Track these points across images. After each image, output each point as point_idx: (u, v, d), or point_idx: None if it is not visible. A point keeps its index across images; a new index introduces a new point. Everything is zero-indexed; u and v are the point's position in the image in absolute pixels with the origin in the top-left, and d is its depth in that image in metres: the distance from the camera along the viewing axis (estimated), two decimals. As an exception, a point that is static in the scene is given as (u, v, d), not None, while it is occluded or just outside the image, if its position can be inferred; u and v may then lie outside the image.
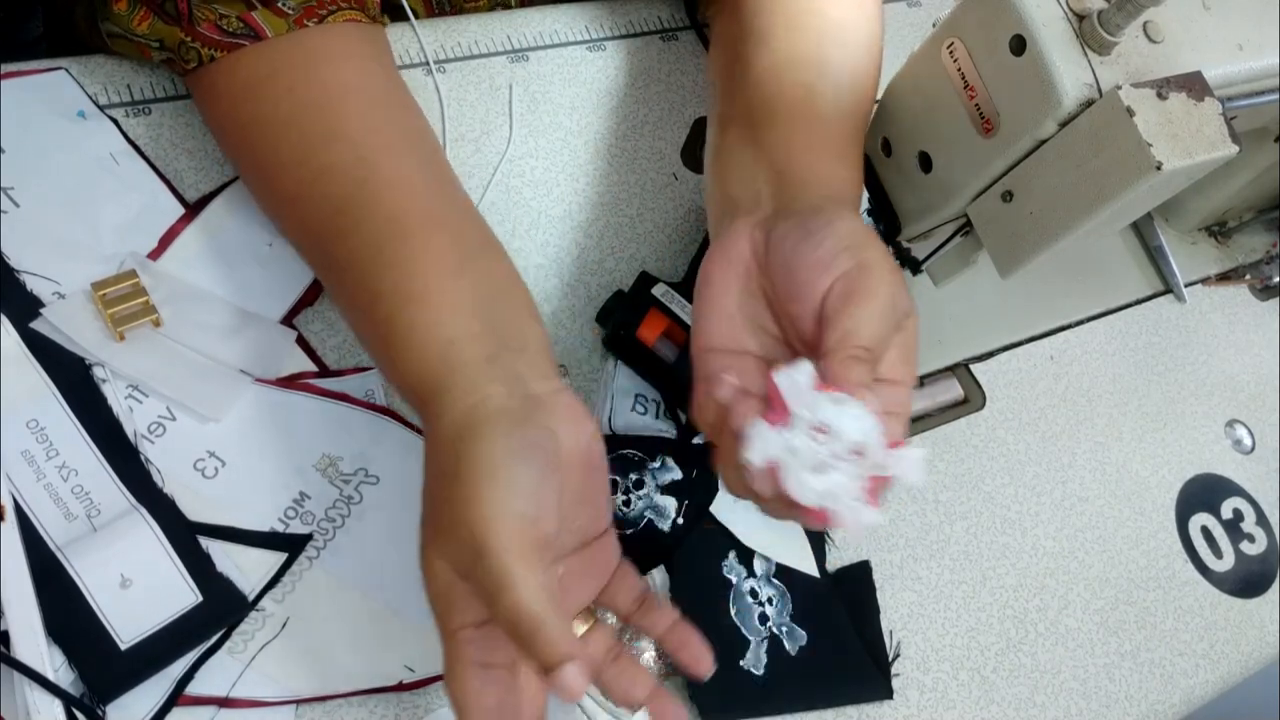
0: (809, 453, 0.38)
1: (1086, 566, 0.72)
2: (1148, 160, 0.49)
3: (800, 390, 0.38)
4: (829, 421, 0.38)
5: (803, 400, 0.38)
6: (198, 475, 0.54)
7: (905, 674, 0.63)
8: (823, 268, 0.44)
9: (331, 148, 0.53)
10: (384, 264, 0.50)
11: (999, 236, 0.58)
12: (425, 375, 0.47)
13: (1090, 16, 0.51)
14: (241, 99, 0.55)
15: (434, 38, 0.71)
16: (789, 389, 0.39)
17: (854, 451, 0.38)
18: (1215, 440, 0.81)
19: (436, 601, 0.43)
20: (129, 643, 0.48)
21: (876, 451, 0.39)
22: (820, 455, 0.38)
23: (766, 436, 0.38)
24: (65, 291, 0.55)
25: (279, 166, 0.54)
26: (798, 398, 0.39)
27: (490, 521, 0.41)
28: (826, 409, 0.38)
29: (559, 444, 0.44)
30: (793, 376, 0.39)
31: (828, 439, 0.38)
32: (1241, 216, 0.90)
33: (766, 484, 0.40)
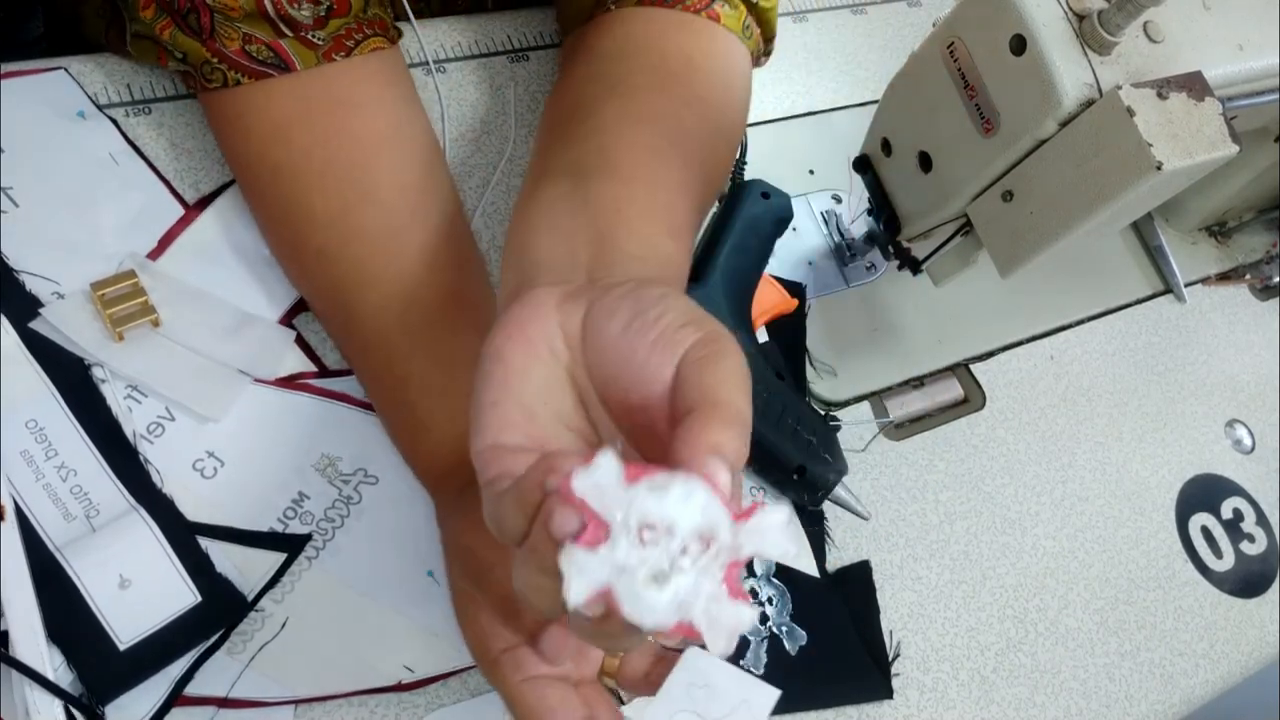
0: (641, 562, 0.29)
1: (1086, 566, 0.72)
2: (1148, 160, 0.49)
3: (608, 491, 0.30)
4: (654, 517, 0.30)
5: (614, 501, 0.30)
6: (197, 475, 0.54)
7: (905, 674, 0.63)
8: (666, 345, 0.35)
9: (365, 210, 0.53)
10: (411, 347, 0.52)
11: (999, 236, 0.58)
12: (442, 463, 0.51)
13: (1090, 16, 0.51)
14: (271, 141, 0.55)
15: (434, 38, 0.71)
16: (593, 493, 0.30)
17: (698, 541, 0.30)
18: (1215, 440, 0.81)
19: (473, 636, 0.46)
20: (128, 643, 0.48)
21: (724, 533, 0.30)
22: (656, 561, 0.30)
23: (584, 563, 0.30)
24: (64, 291, 0.55)
25: (309, 222, 0.54)
26: (607, 500, 0.30)
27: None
28: (647, 503, 0.30)
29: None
30: (593, 477, 0.30)
31: (660, 537, 0.30)
32: (1241, 216, 0.91)
33: (598, 610, 0.30)
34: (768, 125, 0.78)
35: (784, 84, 0.81)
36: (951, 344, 0.76)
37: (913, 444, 0.71)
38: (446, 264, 0.54)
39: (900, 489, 0.69)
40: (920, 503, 0.69)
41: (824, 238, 0.76)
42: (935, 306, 0.76)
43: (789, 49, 0.82)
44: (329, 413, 0.57)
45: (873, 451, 0.70)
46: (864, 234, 0.73)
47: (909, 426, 0.72)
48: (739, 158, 0.73)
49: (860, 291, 0.75)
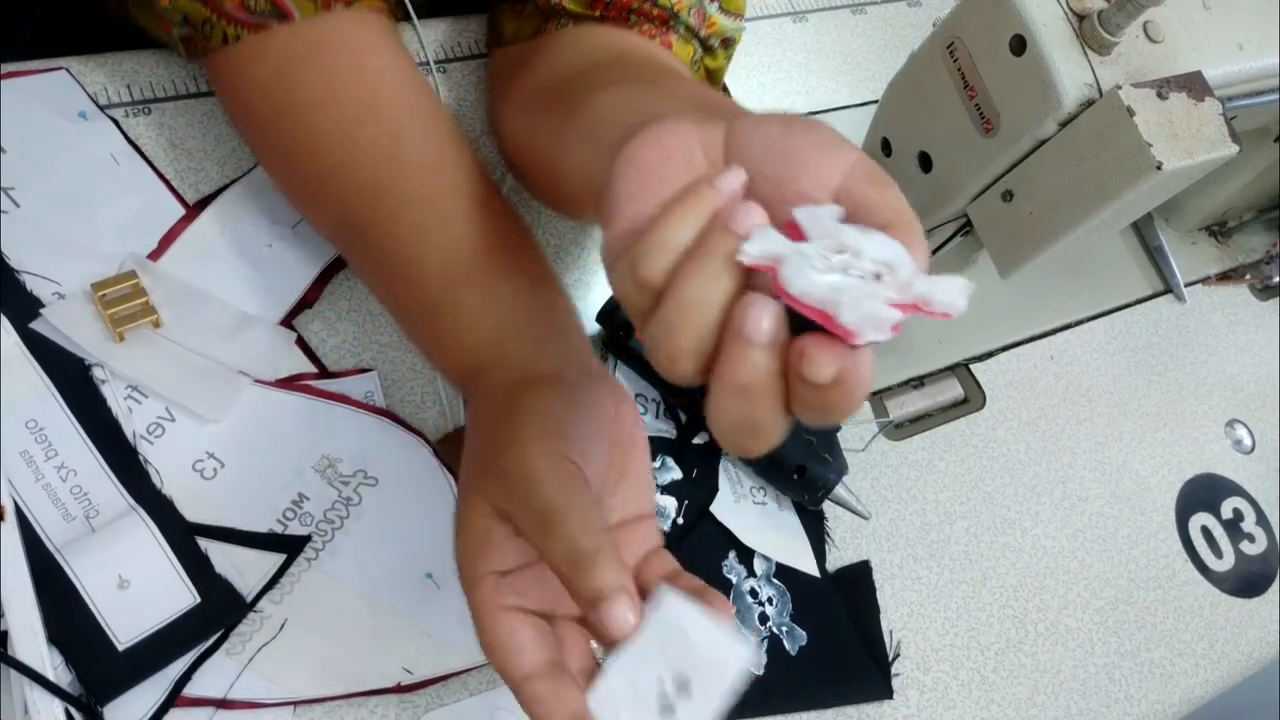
0: (820, 258, 0.30)
1: (1086, 566, 0.72)
2: (1148, 160, 0.49)
3: (818, 217, 0.31)
4: (850, 243, 0.30)
5: (824, 229, 0.31)
6: (196, 476, 0.54)
7: (905, 674, 0.63)
8: (834, 148, 0.33)
9: (368, 127, 0.53)
10: (432, 248, 0.51)
11: (999, 236, 0.58)
12: (474, 358, 0.49)
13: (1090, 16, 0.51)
14: (275, 83, 0.54)
15: (434, 38, 0.71)
16: (809, 220, 0.31)
17: (878, 271, 0.30)
18: (1215, 440, 0.81)
19: (467, 546, 0.43)
20: (127, 643, 0.48)
21: (906, 275, 0.30)
22: (835, 263, 0.30)
23: (769, 236, 0.31)
24: (65, 292, 0.55)
25: (313, 150, 0.54)
26: (818, 226, 0.31)
27: (543, 454, 0.41)
28: (849, 233, 0.30)
29: (607, 413, 0.45)
30: (815, 211, 0.31)
31: (849, 258, 0.30)
32: (1241, 216, 0.91)
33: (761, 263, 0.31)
34: (768, 125, 0.78)
35: (784, 84, 0.81)
36: (951, 344, 0.76)
37: (913, 444, 0.71)
38: (456, 171, 0.54)
39: (900, 489, 0.69)
40: (920, 503, 0.69)
41: (824, 238, 0.76)
42: (935, 306, 0.76)
43: (789, 49, 0.82)
44: (329, 414, 0.57)
45: (873, 451, 0.70)
46: (864, 234, 0.73)
47: (909, 426, 0.72)
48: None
49: (860, 291, 0.75)
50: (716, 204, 0.32)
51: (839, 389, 0.30)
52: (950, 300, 0.30)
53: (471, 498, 0.43)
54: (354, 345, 0.60)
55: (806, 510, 0.65)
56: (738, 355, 0.31)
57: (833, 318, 0.29)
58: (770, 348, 0.30)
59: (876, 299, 0.29)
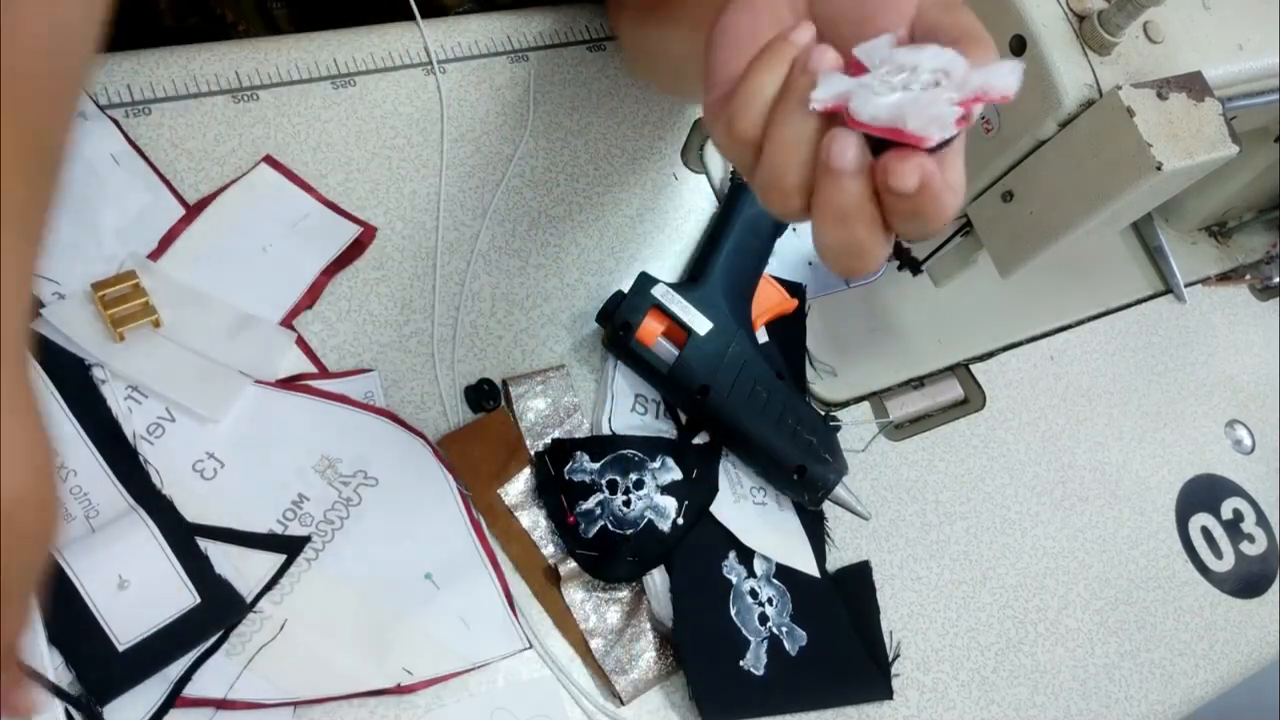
0: (883, 83, 0.33)
1: (1086, 566, 0.72)
2: (1148, 160, 0.49)
3: (877, 49, 0.35)
4: (905, 62, 0.34)
5: (880, 56, 0.34)
6: (196, 476, 0.54)
7: (905, 674, 0.63)
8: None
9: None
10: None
11: (999, 236, 0.58)
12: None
13: (1090, 16, 0.51)
14: None
15: (434, 38, 0.71)
16: (867, 54, 0.35)
17: (935, 79, 0.34)
18: (1215, 440, 0.81)
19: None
20: (127, 644, 0.48)
21: (961, 74, 0.34)
22: (896, 83, 0.34)
23: (835, 79, 0.34)
24: (65, 292, 0.55)
25: None
26: (875, 55, 0.34)
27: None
28: (902, 54, 0.34)
29: None
30: (872, 44, 0.35)
31: (908, 75, 0.34)
32: (1241, 216, 0.91)
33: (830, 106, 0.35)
34: (768, 125, 0.78)
35: (784, 84, 0.81)
36: (951, 344, 0.76)
37: (913, 444, 0.71)
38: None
39: (900, 489, 0.69)
40: (920, 503, 0.69)
41: (824, 238, 0.76)
42: (935, 306, 0.76)
43: (789, 49, 0.82)
44: (329, 414, 0.57)
45: (873, 451, 0.70)
46: (864, 234, 0.73)
47: (909, 427, 0.72)
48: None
49: (860, 292, 0.75)
50: (793, 54, 0.35)
51: (926, 195, 0.33)
52: (1005, 83, 0.33)
53: None
54: (354, 345, 0.60)
55: (806, 510, 0.65)
56: (831, 185, 0.34)
57: (901, 130, 0.33)
58: (858, 174, 0.33)
59: (937, 103, 0.33)
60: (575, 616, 0.57)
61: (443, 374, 0.62)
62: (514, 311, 0.65)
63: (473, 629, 0.55)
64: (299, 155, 0.64)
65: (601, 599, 0.58)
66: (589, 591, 0.58)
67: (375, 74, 0.68)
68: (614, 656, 0.57)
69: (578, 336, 0.66)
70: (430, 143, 0.68)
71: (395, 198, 0.65)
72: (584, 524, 0.58)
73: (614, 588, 0.59)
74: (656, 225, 0.71)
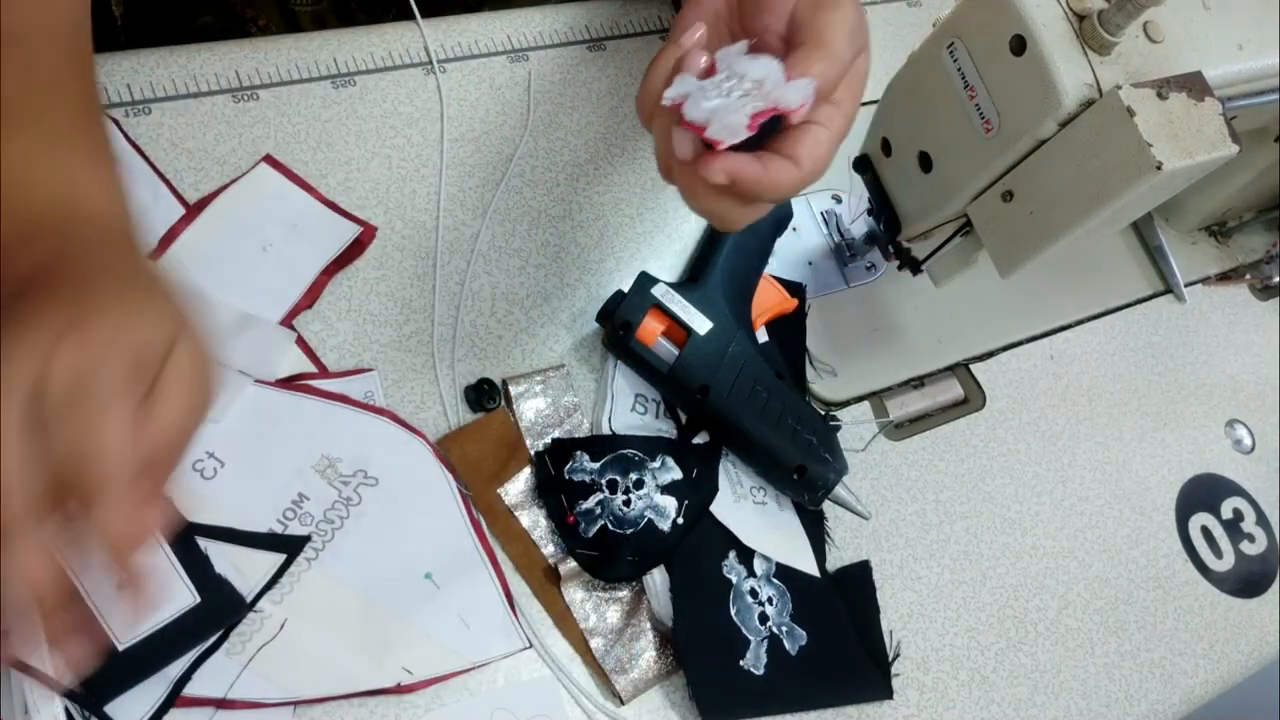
0: (714, 88, 0.41)
1: (1086, 566, 0.72)
2: (1148, 160, 0.49)
3: (730, 55, 0.42)
4: (739, 69, 0.42)
5: (728, 61, 0.42)
6: (196, 476, 0.54)
7: (905, 674, 0.63)
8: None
9: None
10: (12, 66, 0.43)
11: (999, 236, 0.58)
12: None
13: (1090, 16, 0.51)
14: None
15: (435, 37, 0.71)
16: (722, 56, 0.42)
17: (753, 86, 0.42)
18: (1215, 440, 0.81)
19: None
20: (127, 643, 0.48)
21: (769, 84, 0.41)
22: (723, 89, 0.41)
23: (685, 80, 0.42)
24: (64, 292, 0.55)
25: None
26: (725, 60, 0.42)
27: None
28: (740, 62, 0.42)
29: None
30: (728, 50, 0.42)
31: (735, 82, 0.42)
32: (1241, 216, 0.91)
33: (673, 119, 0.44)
34: (768, 125, 0.78)
35: (784, 84, 0.81)
36: (951, 344, 0.76)
37: (913, 444, 0.71)
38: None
39: (900, 489, 0.69)
40: (920, 503, 0.69)
41: (824, 238, 0.76)
42: (935, 306, 0.76)
43: (789, 49, 0.82)
44: (329, 413, 0.57)
45: (873, 451, 0.70)
46: (864, 234, 0.73)
47: (909, 426, 0.72)
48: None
49: (860, 291, 0.75)
50: (678, 55, 0.43)
51: (742, 186, 0.42)
52: (790, 99, 0.41)
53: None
54: (354, 345, 0.60)
55: (806, 510, 0.65)
56: (678, 169, 0.44)
57: (704, 133, 0.41)
58: (693, 162, 0.43)
59: (737, 112, 0.41)
60: (575, 616, 0.57)
61: (443, 374, 0.62)
62: (514, 311, 0.65)
63: (473, 629, 0.55)
64: (299, 155, 0.64)
65: (601, 599, 0.58)
66: (589, 591, 0.58)
67: (375, 74, 0.68)
68: (614, 656, 0.57)
69: (578, 336, 0.66)
70: (430, 142, 0.68)
71: (395, 197, 0.65)
72: (584, 524, 0.58)
73: (614, 587, 0.59)
74: (656, 225, 0.71)
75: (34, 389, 0.35)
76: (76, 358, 0.36)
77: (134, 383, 0.37)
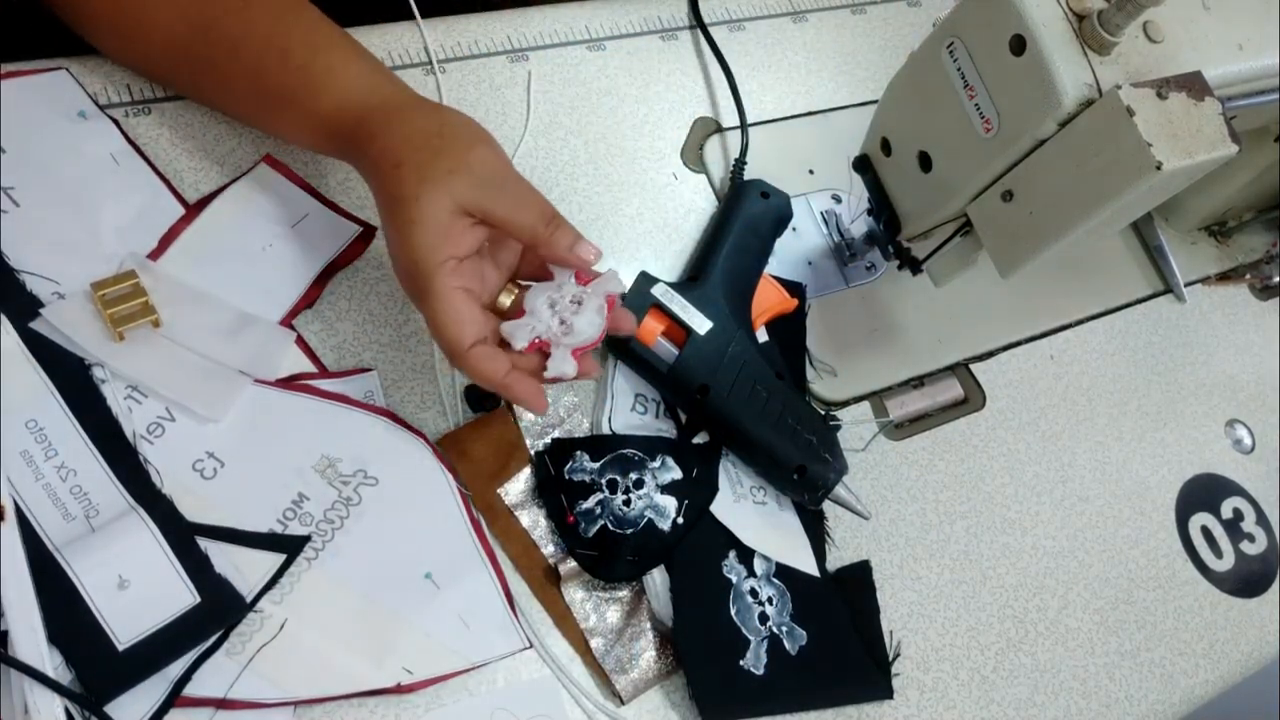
0: (534, 316, 0.52)
1: (1086, 566, 0.72)
2: (1148, 160, 0.49)
3: (544, 290, 0.53)
4: (554, 296, 0.53)
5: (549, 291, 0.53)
6: (196, 476, 0.54)
7: (905, 674, 0.63)
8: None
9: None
10: (290, 24, 0.57)
11: (999, 236, 0.58)
12: (359, 104, 0.55)
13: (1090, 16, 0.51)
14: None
15: (434, 37, 0.71)
16: (536, 292, 0.53)
17: (568, 304, 0.53)
18: (1215, 440, 0.81)
19: (430, 237, 0.50)
20: (127, 643, 0.48)
21: (566, 307, 0.53)
22: (537, 317, 0.52)
23: (511, 328, 0.52)
24: (65, 291, 0.55)
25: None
26: (547, 291, 0.53)
27: (497, 156, 0.53)
28: (555, 292, 0.53)
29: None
30: (540, 289, 0.53)
31: (557, 305, 0.53)
32: (1241, 216, 0.91)
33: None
34: (767, 125, 0.78)
35: (784, 84, 0.81)
36: (951, 344, 0.76)
37: (913, 444, 0.71)
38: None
39: (900, 489, 0.69)
40: (920, 503, 0.69)
41: (824, 238, 0.76)
42: (935, 306, 0.76)
43: (789, 49, 0.82)
44: (329, 413, 0.57)
45: (873, 451, 0.70)
46: (864, 234, 0.73)
47: (909, 426, 0.72)
48: (739, 157, 0.73)
49: (860, 291, 0.75)
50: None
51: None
52: (591, 334, 0.53)
53: (435, 198, 0.50)
54: (354, 345, 0.60)
55: (806, 510, 0.65)
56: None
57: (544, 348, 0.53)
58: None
59: (558, 334, 0.52)
60: (575, 616, 0.57)
61: (442, 374, 0.62)
62: (514, 311, 0.65)
63: (473, 629, 0.55)
64: (299, 155, 0.64)
65: (601, 599, 0.58)
66: (589, 591, 0.58)
67: (375, 74, 0.68)
68: (614, 656, 0.57)
69: (578, 336, 0.66)
70: (430, 142, 0.68)
71: (395, 197, 0.65)
72: (584, 523, 0.58)
73: (614, 587, 0.59)
74: (656, 225, 0.71)
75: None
76: (488, 153, 0.53)
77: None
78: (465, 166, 0.51)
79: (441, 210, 0.50)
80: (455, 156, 0.51)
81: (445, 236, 0.50)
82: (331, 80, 0.56)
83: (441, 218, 0.50)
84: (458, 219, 0.51)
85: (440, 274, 0.50)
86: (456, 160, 0.51)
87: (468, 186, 0.51)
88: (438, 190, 0.50)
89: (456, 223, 0.51)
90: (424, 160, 0.51)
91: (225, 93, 0.60)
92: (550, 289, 0.53)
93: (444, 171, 0.51)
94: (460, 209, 0.51)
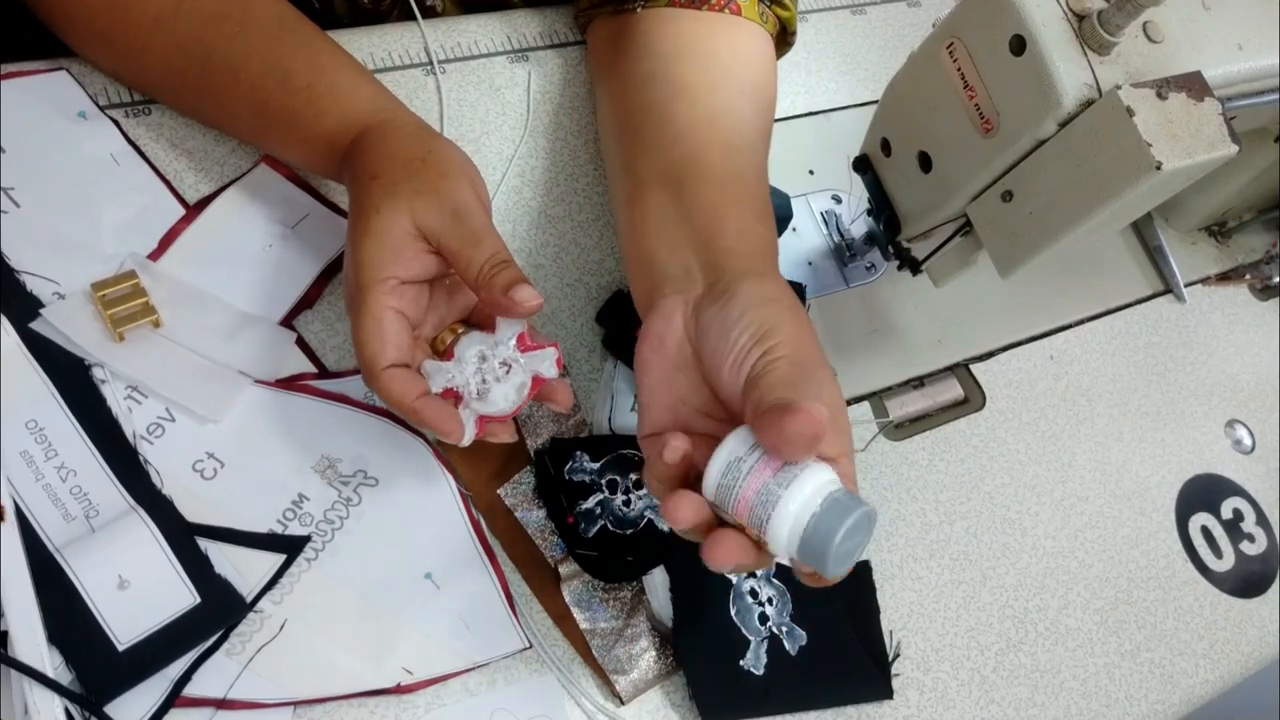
0: (464, 371, 0.52)
1: (1086, 566, 0.72)
2: (1148, 160, 0.49)
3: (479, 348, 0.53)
4: (489, 354, 0.52)
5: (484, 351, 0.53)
6: (196, 476, 0.54)
7: (905, 674, 0.63)
8: (737, 368, 0.47)
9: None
10: (290, 47, 0.57)
11: (999, 236, 0.58)
12: (358, 122, 0.56)
13: (1090, 16, 0.51)
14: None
15: (434, 38, 0.71)
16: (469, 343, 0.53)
17: (499, 365, 0.52)
18: (1215, 440, 0.81)
19: (379, 250, 0.50)
20: (127, 643, 0.48)
21: (505, 364, 0.52)
22: (470, 371, 0.52)
23: (432, 370, 0.52)
24: (65, 292, 0.55)
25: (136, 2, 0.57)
26: (483, 350, 0.53)
27: (469, 189, 0.52)
28: (494, 348, 0.52)
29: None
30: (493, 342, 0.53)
31: (489, 361, 0.52)
32: (1241, 216, 0.91)
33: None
34: (768, 125, 0.78)
35: (784, 84, 0.81)
36: (951, 344, 0.76)
37: (913, 444, 0.71)
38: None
39: (900, 489, 0.69)
40: (920, 503, 0.69)
41: (824, 238, 0.76)
42: (935, 306, 0.76)
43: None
44: (329, 414, 0.57)
45: (873, 451, 0.70)
46: (864, 234, 0.73)
47: (909, 426, 0.72)
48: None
49: (860, 291, 0.75)
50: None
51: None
52: (546, 368, 0.52)
53: (395, 214, 0.51)
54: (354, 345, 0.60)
55: (806, 510, 0.65)
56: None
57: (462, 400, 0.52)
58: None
59: (485, 391, 0.52)
60: (575, 616, 0.57)
61: (443, 374, 0.61)
62: (514, 311, 0.65)
63: (473, 629, 0.55)
64: (299, 155, 0.64)
65: (601, 599, 0.58)
66: (589, 591, 0.58)
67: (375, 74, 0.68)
68: (614, 656, 0.57)
69: (578, 336, 0.66)
70: (430, 143, 0.68)
71: (395, 198, 0.65)
72: (584, 524, 0.58)
73: (614, 588, 0.59)
74: (656, 225, 0.71)
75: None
76: (462, 186, 0.53)
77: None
78: (434, 191, 0.51)
79: (397, 227, 0.50)
80: (428, 181, 0.52)
81: (395, 254, 0.50)
82: (335, 102, 0.56)
83: (396, 234, 0.50)
84: (412, 240, 0.51)
85: (377, 290, 0.50)
86: (428, 185, 0.52)
87: (430, 211, 0.51)
88: (399, 206, 0.51)
89: (410, 244, 0.51)
90: (398, 178, 0.52)
91: (227, 115, 0.60)
92: (487, 342, 0.52)
93: (411, 191, 0.51)
94: (417, 231, 0.51)
